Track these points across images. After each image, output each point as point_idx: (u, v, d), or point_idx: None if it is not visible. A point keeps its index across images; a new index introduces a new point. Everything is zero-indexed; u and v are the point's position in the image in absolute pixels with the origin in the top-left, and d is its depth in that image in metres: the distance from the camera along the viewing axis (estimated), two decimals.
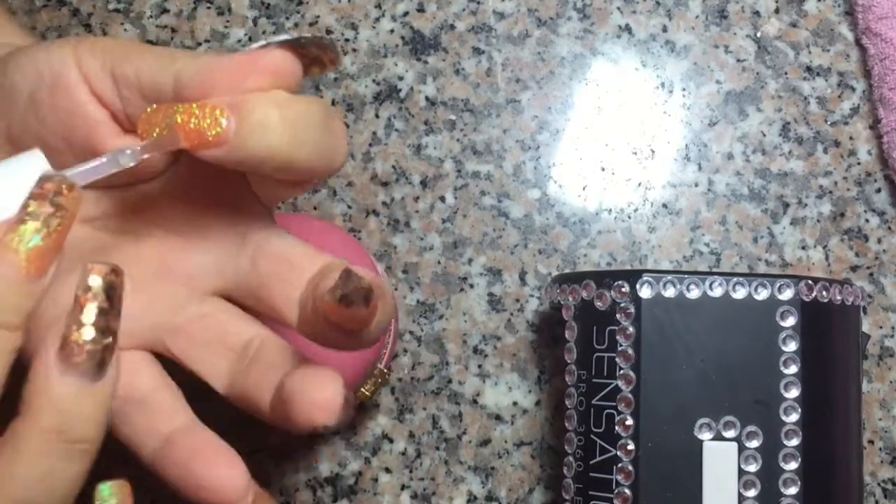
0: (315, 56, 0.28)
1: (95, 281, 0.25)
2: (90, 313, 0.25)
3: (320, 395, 0.27)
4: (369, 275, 0.27)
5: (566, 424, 0.39)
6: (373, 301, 0.26)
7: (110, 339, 0.25)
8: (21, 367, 0.26)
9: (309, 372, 0.28)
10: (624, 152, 0.47)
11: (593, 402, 0.38)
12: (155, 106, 0.27)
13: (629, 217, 0.46)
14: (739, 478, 0.36)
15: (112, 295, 0.25)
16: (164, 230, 0.31)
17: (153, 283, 0.31)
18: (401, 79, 0.48)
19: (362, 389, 0.40)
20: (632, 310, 0.37)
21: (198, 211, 0.31)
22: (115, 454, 0.29)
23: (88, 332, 0.25)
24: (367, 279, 0.26)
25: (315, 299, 0.27)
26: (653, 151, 0.47)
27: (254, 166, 0.27)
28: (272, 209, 0.32)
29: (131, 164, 0.27)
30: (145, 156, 0.27)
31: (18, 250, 0.24)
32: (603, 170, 0.47)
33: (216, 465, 0.29)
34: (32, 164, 0.26)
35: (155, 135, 0.26)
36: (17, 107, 0.28)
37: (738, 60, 0.48)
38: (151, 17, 0.48)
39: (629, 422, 0.37)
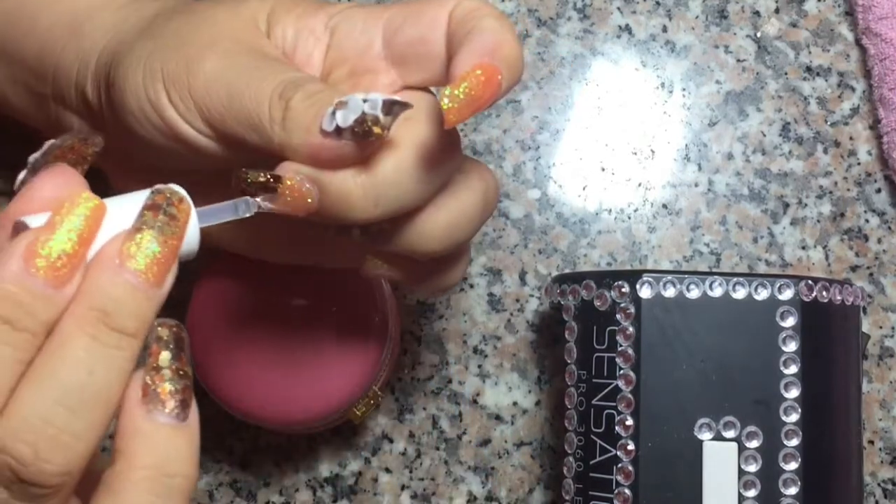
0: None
1: (164, 333, 0.26)
2: (165, 360, 0.26)
3: None
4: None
5: (566, 424, 0.39)
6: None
7: (187, 382, 0.26)
8: None
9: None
10: (624, 152, 0.47)
11: (593, 402, 0.38)
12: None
13: (629, 217, 0.46)
14: (739, 478, 0.36)
15: (181, 345, 0.26)
16: None
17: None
18: None
19: (354, 409, 0.40)
20: (632, 310, 0.37)
21: None
22: None
23: (168, 378, 0.26)
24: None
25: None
26: (653, 151, 0.47)
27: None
28: None
29: (247, 216, 0.28)
30: (261, 210, 0.28)
31: (137, 258, 0.25)
32: (603, 170, 0.47)
33: None
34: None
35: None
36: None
37: (738, 60, 0.48)
38: None
39: (629, 422, 0.37)
